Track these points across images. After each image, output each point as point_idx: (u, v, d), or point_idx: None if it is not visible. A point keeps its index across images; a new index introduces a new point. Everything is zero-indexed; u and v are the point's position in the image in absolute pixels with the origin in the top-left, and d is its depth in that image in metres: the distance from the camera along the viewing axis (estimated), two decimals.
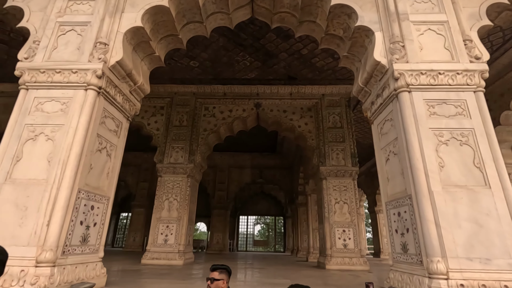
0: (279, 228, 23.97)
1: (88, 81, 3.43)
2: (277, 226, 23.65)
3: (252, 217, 23.41)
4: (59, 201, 2.96)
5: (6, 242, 2.80)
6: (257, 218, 26.94)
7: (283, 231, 21.89)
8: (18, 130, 3.26)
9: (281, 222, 24.29)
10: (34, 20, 3.89)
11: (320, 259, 7.67)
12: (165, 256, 7.10)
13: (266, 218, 27.30)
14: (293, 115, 8.62)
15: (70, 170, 3.09)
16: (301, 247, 12.80)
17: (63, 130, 3.24)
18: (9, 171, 3.09)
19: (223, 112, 8.74)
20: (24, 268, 2.70)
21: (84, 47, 3.61)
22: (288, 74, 8.07)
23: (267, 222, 25.14)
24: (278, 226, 23.74)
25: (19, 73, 3.50)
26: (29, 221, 2.88)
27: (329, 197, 7.57)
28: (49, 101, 3.40)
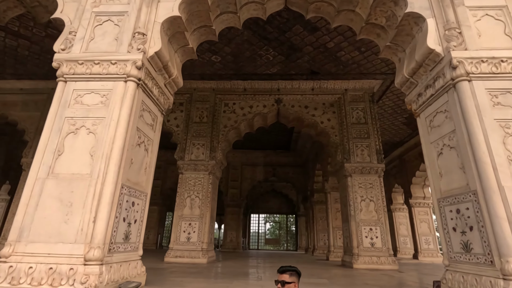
0: (290, 226, 23.80)
1: (128, 73, 3.30)
2: (288, 224, 23.46)
3: (263, 215, 23.32)
4: (104, 197, 2.84)
5: (52, 239, 2.71)
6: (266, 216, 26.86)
7: (295, 229, 21.71)
8: (58, 124, 3.14)
9: (292, 220, 24.16)
10: (68, 11, 3.77)
11: (345, 258, 7.49)
12: (188, 254, 6.99)
13: (276, 216, 27.21)
14: (315, 111, 8.43)
15: (114, 164, 2.97)
16: (317, 245, 12.62)
17: (105, 123, 3.12)
18: (51, 166, 2.97)
19: (243, 108, 8.58)
20: (72, 267, 2.58)
21: (122, 38, 3.47)
22: (311, 68, 7.87)
23: (278, 220, 25.00)
24: (289, 224, 23.55)
25: (57, 64, 3.38)
26: (75, 218, 2.76)
27: (354, 194, 7.37)
28: (89, 93, 3.28)
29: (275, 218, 29.05)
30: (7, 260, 2.65)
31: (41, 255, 2.65)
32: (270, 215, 26.42)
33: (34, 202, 2.84)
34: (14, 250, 2.69)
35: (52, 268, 2.58)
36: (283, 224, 24.39)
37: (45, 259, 2.63)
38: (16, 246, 2.70)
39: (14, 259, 2.65)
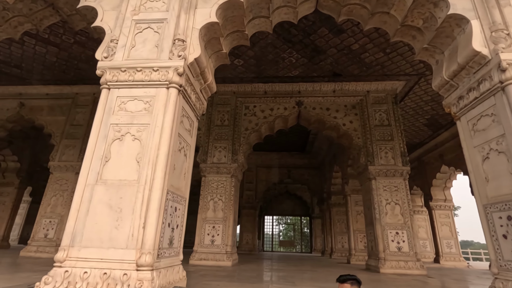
0: (304, 228, 23.64)
1: (170, 79, 3.34)
2: (302, 227, 23.31)
3: (276, 217, 23.26)
4: (152, 203, 2.88)
5: (104, 244, 2.76)
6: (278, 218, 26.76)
7: (309, 231, 21.56)
8: (104, 130, 3.21)
9: (305, 222, 24.01)
10: (108, 19, 3.85)
11: (370, 262, 7.38)
12: (213, 257, 7.03)
13: (288, 218, 27.09)
14: (336, 113, 8.37)
15: (160, 170, 3.00)
16: (335, 248, 12.49)
17: (149, 130, 3.16)
18: (99, 172, 3.03)
19: (264, 111, 8.59)
20: (126, 272, 2.62)
21: (163, 45, 3.52)
22: (334, 70, 7.82)
23: (291, 222, 24.88)
24: (303, 227, 23.39)
25: (100, 72, 3.45)
26: (125, 223, 2.80)
27: (379, 197, 7.27)
28: (132, 100, 3.33)
29: (287, 220, 28.93)
30: (62, 264, 2.71)
31: (94, 260, 2.70)
32: (282, 217, 26.35)
33: (85, 207, 2.90)
34: (68, 255, 2.75)
35: (106, 273, 2.62)
36: (297, 226, 24.23)
37: (98, 264, 2.68)
38: (70, 251, 2.76)
39: (69, 264, 2.70)
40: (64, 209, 7.92)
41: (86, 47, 7.26)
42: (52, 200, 8.04)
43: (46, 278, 2.65)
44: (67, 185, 8.16)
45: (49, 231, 7.75)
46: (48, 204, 8.01)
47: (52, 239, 7.66)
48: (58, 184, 8.17)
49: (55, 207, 7.97)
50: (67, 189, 8.12)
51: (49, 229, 7.76)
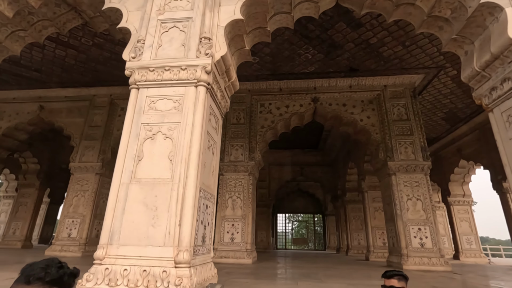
0: (317, 226, 23.54)
1: (198, 78, 3.35)
2: (315, 224, 23.21)
3: (289, 215, 23.23)
4: (187, 201, 2.89)
5: (142, 242, 2.79)
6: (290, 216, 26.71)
7: (323, 229, 21.45)
8: (136, 130, 3.24)
9: (318, 220, 23.90)
10: (133, 20, 3.89)
11: (391, 259, 7.29)
12: (233, 254, 7.06)
13: (300, 215, 27.02)
14: (353, 109, 8.27)
15: (193, 168, 3.02)
16: (351, 245, 12.39)
17: (180, 128, 3.18)
18: (133, 171, 3.07)
19: (279, 108, 8.56)
20: (165, 269, 2.65)
21: (189, 43, 3.53)
22: (350, 65, 7.72)
23: (304, 220, 24.79)
24: (316, 224, 23.29)
25: (129, 72, 3.48)
26: (161, 221, 2.83)
27: (400, 193, 7.16)
28: (161, 99, 3.36)
29: (299, 218, 28.84)
30: (102, 262, 2.76)
31: (133, 258, 2.74)
32: (293, 214, 26.29)
33: (121, 206, 2.94)
34: (107, 252, 2.79)
35: (146, 271, 2.66)
36: (309, 224, 24.14)
37: (137, 262, 2.72)
38: (109, 249, 2.81)
39: (109, 262, 2.75)
40: (85, 209, 8.09)
41: (104, 49, 7.35)
42: (74, 200, 8.21)
43: (88, 276, 2.70)
44: (88, 186, 8.31)
45: (72, 230, 7.91)
46: (70, 204, 8.18)
47: (75, 238, 7.83)
48: (79, 185, 8.33)
49: (77, 207, 8.14)
50: (87, 189, 8.28)
51: (72, 229, 7.93)
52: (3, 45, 4.95)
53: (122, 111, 9.18)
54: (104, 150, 8.62)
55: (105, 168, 8.56)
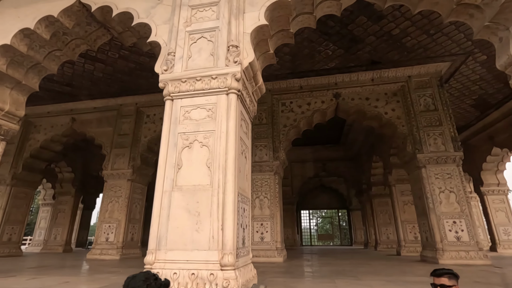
0: (341, 221, 23.26)
1: (229, 85, 3.45)
2: (340, 219, 22.96)
3: (312, 211, 23.12)
4: (227, 205, 3.01)
5: (188, 246, 2.94)
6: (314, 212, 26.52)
7: (348, 224, 21.19)
8: (173, 139, 3.40)
9: (340, 215, 23.61)
10: (161, 33, 4.05)
11: (425, 253, 7.13)
12: (264, 253, 7.17)
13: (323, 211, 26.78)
14: (377, 102, 8.11)
15: (231, 174, 3.13)
16: (380, 240, 12.18)
17: (215, 136, 3.30)
18: (173, 179, 3.22)
19: (301, 106, 8.55)
20: (212, 272, 2.78)
21: (218, 52, 3.64)
22: (372, 58, 7.58)
23: (327, 215, 24.60)
24: (340, 219, 23.02)
25: (163, 85, 3.64)
26: (204, 226, 2.97)
27: (431, 186, 6.97)
28: (195, 108, 3.49)
29: (322, 213, 28.59)
30: (152, 267, 2.93)
31: (180, 262, 2.90)
32: (316, 210, 26.09)
33: (165, 213, 3.10)
34: (156, 257, 2.96)
35: (194, 274, 2.80)
36: (334, 219, 23.92)
37: (185, 265, 2.87)
38: (157, 254, 2.98)
39: (158, 266, 2.92)
40: (120, 214, 8.49)
41: (129, 61, 7.66)
42: (109, 206, 8.64)
43: None
44: (121, 192, 8.71)
45: (109, 235, 8.34)
46: (106, 210, 8.62)
47: (112, 242, 8.24)
48: (113, 191, 8.75)
49: (112, 213, 8.56)
50: (121, 195, 8.68)
51: (109, 233, 8.35)
52: (42, 65, 5.31)
53: (148, 118, 9.53)
54: (134, 157, 8.99)
55: (135, 174, 8.93)
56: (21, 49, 4.84)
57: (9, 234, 9.24)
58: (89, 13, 4.91)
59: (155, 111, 9.49)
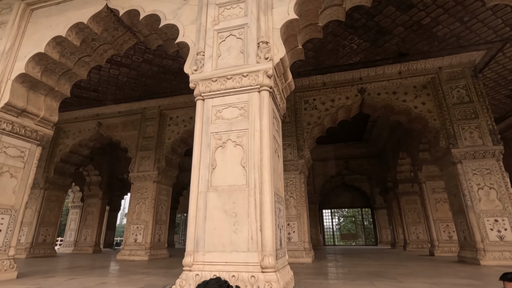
0: (364, 220, 22.65)
1: (261, 83, 3.36)
2: (364, 218, 22.37)
3: (334, 211, 22.66)
4: (265, 206, 2.92)
5: (226, 248, 2.88)
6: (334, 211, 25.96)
7: (372, 223, 20.61)
8: (206, 140, 3.35)
9: (364, 214, 23.00)
10: (189, 34, 4.03)
11: (464, 254, 6.73)
12: (292, 254, 7.03)
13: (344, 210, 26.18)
14: (405, 96, 7.78)
15: (267, 173, 3.04)
16: (409, 239, 11.72)
17: (249, 135, 3.22)
18: (208, 179, 3.18)
19: (324, 103, 8.35)
20: (253, 274, 2.70)
21: (248, 50, 3.56)
22: (400, 50, 7.26)
23: (350, 214, 24.05)
24: (365, 218, 22.43)
25: (193, 85, 3.62)
26: (243, 227, 2.90)
27: (469, 183, 6.58)
28: (226, 107, 3.43)
29: (343, 213, 27.97)
30: (191, 269, 2.89)
31: (219, 264, 2.84)
32: (338, 210, 25.55)
33: (202, 214, 3.06)
34: (194, 259, 2.92)
35: (235, 276, 2.73)
36: (357, 218, 23.34)
37: (225, 267, 2.81)
38: (196, 256, 2.94)
39: (197, 268, 2.88)
40: (147, 215, 8.64)
41: (153, 64, 7.77)
42: (136, 207, 8.81)
43: (180, 282, 2.85)
44: (147, 193, 8.86)
45: (138, 236, 8.50)
46: (134, 212, 8.79)
47: (141, 243, 8.40)
48: (140, 193, 8.92)
49: (139, 214, 8.72)
50: (147, 197, 8.83)
51: (138, 234, 8.52)
52: (73, 71, 5.45)
53: (171, 120, 9.64)
54: (159, 159, 9.13)
55: (161, 176, 9.06)
56: (54, 57, 4.99)
57: (44, 236, 9.64)
58: (116, 18, 5.00)
59: (178, 113, 9.60)
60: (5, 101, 4.67)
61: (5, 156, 4.73)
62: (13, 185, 4.82)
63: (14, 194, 4.82)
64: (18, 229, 4.87)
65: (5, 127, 4.73)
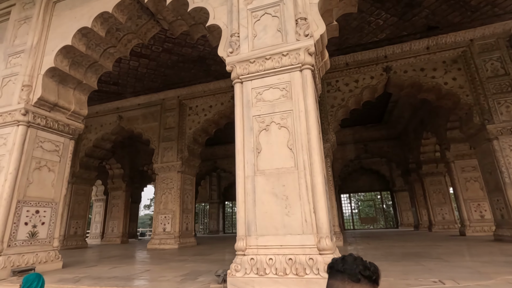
0: (384, 203, 22.46)
1: (302, 61, 3.23)
2: (383, 201, 22.18)
3: (351, 195, 22.52)
4: (317, 187, 2.85)
5: (279, 231, 2.83)
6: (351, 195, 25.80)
7: (392, 206, 20.41)
8: (248, 123, 3.27)
9: (379, 197, 22.81)
10: (220, 16, 3.89)
11: (501, 232, 6.54)
12: None
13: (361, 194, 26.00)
14: (434, 72, 7.43)
15: (316, 154, 2.95)
16: (434, 220, 11.52)
17: (294, 116, 3.12)
18: (254, 163, 3.11)
19: (348, 84, 8.10)
20: (311, 257, 2.66)
21: (286, 27, 3.41)
22: (429, 24, 6.90)
23: (369, 198, 23.85)
24: (384, 201, 22.23)
25: (230, 68, 3.51)
26: (295, 210, 2.84)
27: (506, 159, 6.31)
28: (267, 89, 3.33)
29: (360, 197, 27.79)
30: (245, 253, 2.87)
31: (274, 247, 2.80)
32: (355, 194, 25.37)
33: (251, 198, 3.01)
34: (247, 244, 2.90)
35: (292, 259, 2.70)
36: (376, 202, 23.15)
37: (279, 251, 2.77)
38: (248, 240, 2.91)
39: (251, 252, 2.85)
40: (174, 205, 8.75)
41: (172, 53, 7.67)
42: (162, 197, 8.93)
43: (236, 266, 2.84)
44: (172, 184, 8.95)
45: (166, 225, 8.65)
46: (160, 202, 8.92)
47: (170, 232, 8.55)
48: (165, 184, 9.02)
49: (166, 204, 8.84)
50: (173, 187, 8.92)
51: (166, 224, 8.66)
52: (99, 64, 5.42)
53: (191, 110, 9.60)
54: (181, 149, 9.15)
55: (184, 166, 9.11)
56: (81, 49, 4.96)
57: (74, 228, 9.95)
58: (140, 6, 4.89)
59: (197, 102, 9.53)
60: (38, 95, 4.70)
61: (42, 151, 4.80)
62: (51, 179, 4.91)
63: (53, 188, 4.92)
64: (59, 221, 4.99)
65: (40, 122, 4.78)
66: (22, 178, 4.42)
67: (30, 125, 4.63)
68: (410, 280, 2.91)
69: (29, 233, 4.44)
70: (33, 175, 4.61)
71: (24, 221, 4.39)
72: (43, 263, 4.50)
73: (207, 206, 22.76)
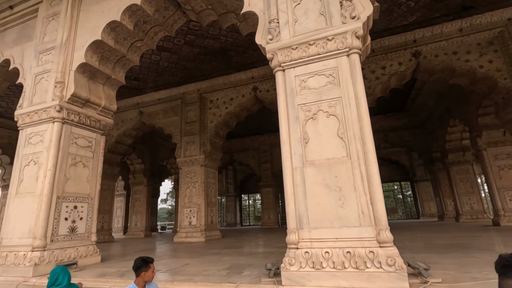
0: (403, 193, 22.03)
1: (350, 45, 3.06)
2: (404, 192, 21.77)
3: None
4: (373, 177, 2.71)
5: (334, 224, 2.72)
6: None
7: (413, 196, 19.99)
8: (293, 112, 3.14)
9: (398, 188, 22.37)
10: (255, 2, 3.74)
11: None
12: None
13: None
14: (468, 55, 7.06)
15: (370, 143, 2.81)
16: (462, 210, 11.16)
17: (343, 103, 2.97)
18: (302, 154, 3.00)
19: (374, 71, 7.81)
20: (371, 250, 2.54)
21: (330, 10, 3.24)
22: (464, 4, 6.52)
23: (388, 189, 23.44)
24: (404, 192, 21.82)
25: (271, 55, 3.37)
26: (350, 201, 2.71)
27: None
28: (312, 76, 3.18)
29: None
30: (298, 246, 2.78)
31: (329, 240, 2.70)
32: None
33: (301, 190, 2.91)
34: (299, 237, 2.81)
35: (350, 252, 2.59)
36: (395, 192, 22.72)
37: (336, 244, 2.67)
38: (300, 233, 2.82)
39: (305, 245, 2.76)
40: (199, 199, 8.77)
41: (194, 45, 7.56)
42: (187, 191, 8.96)
43: (290, 260, 2.75)
44: (196, 177, 8.96)
45: (192, 219, 8.70)
46: (185, 196, 8.96)
47: (196, 225, 8.59)
48: (189, 177, 9.03)
49: (191, 198, 8.88)
50: (197, 180, 8.93)
51: (191, 217, 8.71)
52: (127, 58, 5.38)
53: (212, 103, 9.53)
54: (204, 143, 9.12)
55: (207, 160, 9.09)
56: (110, 43, 4.91)
57: (101, 223, 10.15)
58: None
59: (218, 95, 9.44)
60: (71, 92, 4.70)
61: (77, 147, 4.83)
62: (86, 175, 4.95)
63: (88, 183, 4.96)
64: (96, 216, 5.05)
65: (73, 118, 4.79)
66: (60, 174, 4.46)
67: (65, 122, 4.65)
68: (473, 273, 2.76)
69: (70, 228, 4.50)
70: (70, 171, 4.65)
71: (64, 217, 4.45)
72: (83, 257, 4.57)
73: (223, 199, 22.93)
